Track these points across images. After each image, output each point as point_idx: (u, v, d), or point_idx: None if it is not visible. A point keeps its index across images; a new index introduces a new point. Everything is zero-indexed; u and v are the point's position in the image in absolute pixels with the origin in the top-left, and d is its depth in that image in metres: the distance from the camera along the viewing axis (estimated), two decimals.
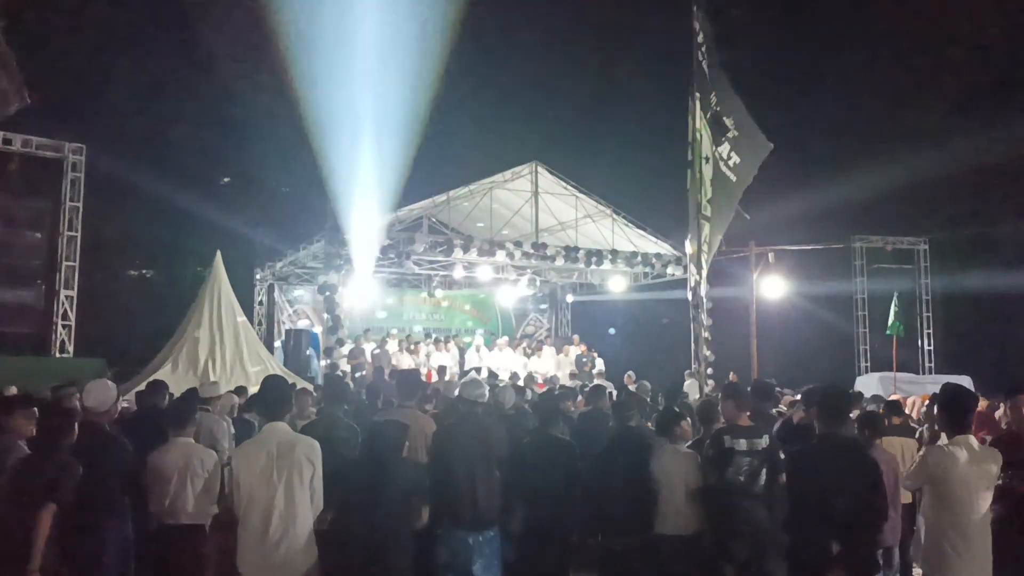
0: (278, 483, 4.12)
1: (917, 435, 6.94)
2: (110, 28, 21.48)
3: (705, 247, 11.55)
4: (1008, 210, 20.65)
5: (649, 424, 8.57)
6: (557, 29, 26.80)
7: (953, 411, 4.50)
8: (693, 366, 17.14)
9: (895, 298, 15.79)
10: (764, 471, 5.01)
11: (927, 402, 7.91)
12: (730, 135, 11.32)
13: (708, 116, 11.12)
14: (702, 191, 11.27)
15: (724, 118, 11.25)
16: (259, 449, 4.22)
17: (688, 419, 5.95)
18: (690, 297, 12.17)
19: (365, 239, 14.68)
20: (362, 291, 17.54)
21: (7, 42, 11.43)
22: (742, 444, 5.08)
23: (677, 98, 11.85)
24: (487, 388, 5.78)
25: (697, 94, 11.14)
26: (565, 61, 26.35)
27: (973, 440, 4.38)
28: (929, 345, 20.82)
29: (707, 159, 11.24)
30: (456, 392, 7.14)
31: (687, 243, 12.16)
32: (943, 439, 4.68)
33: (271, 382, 4.60)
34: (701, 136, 11.15)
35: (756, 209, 12.69)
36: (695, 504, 5.23)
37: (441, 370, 14.33)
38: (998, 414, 7.03)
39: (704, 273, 11.81)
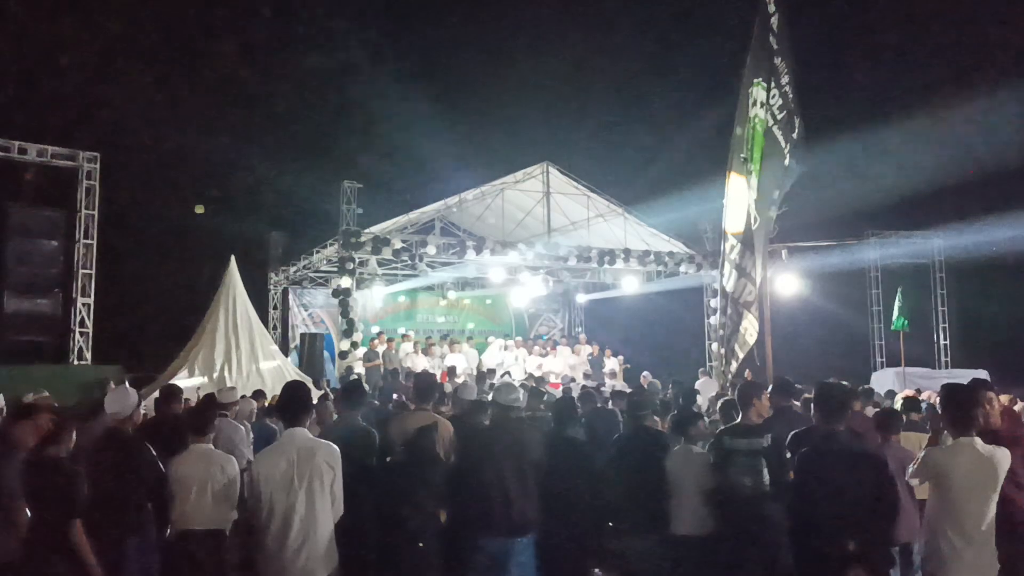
0: (299, 489, 4.14)
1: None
2: (123, 38, 21.65)
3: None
4: None
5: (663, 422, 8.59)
6: (566, 29, 26.83)
7: (953, 411, 4.37)
8: (708, 364, 17.05)
9: (899, 293, 15.78)
10: (766, 471, 4.97)
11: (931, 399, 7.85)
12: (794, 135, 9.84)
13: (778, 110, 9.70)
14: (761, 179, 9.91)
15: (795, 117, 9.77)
16: (279, 455, 4.24)
17: (704, 419, 5.95)
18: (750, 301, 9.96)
19: (378, 242, 14.76)
20: (375, 294, 17.60)
21: None
22: (741, 444, 5.06)
23: (686, 95, 11.67)
24: (521, 392, 5.74)
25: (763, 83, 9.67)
26: (574, 61, 26.36)
27: (977, 441, 4.24)
28: (945, 339, 20.67)
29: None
30: (469, 395, 7.15)
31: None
32: (946, 438, 4.60)
33: (291, 388, 4.59)
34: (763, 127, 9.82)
35: None
36: (709, 505, 5.22)
37: (451, 371, 14.32)
38: (1018, 408, 6.94)
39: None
